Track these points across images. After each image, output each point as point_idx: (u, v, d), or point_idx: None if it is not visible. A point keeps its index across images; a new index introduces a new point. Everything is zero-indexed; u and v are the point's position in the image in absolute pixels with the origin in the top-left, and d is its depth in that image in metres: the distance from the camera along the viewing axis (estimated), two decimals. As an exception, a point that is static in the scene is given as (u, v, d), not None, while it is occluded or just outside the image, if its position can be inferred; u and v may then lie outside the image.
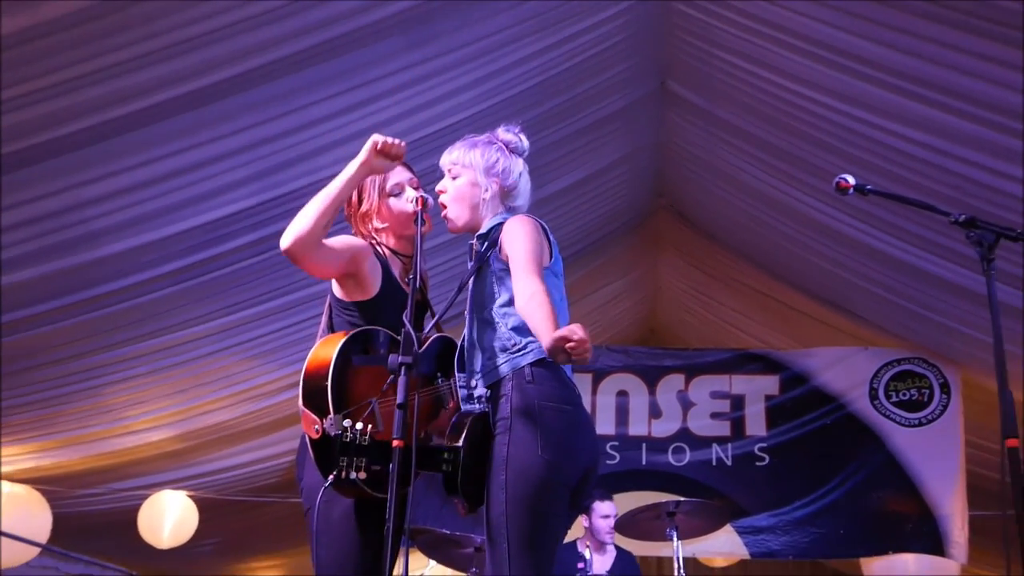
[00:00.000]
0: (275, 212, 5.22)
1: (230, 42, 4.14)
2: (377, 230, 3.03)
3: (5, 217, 4.41)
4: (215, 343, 6.21)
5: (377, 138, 2.84)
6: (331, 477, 2.60)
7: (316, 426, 2.64)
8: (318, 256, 2.82)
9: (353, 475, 2.58)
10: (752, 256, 7.71)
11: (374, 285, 2.92)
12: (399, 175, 3.05)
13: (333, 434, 2.59)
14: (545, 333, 2.44)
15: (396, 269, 3.02)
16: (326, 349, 2.75)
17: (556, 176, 6.33)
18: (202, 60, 4.16)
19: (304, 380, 2.74)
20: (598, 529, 5.82)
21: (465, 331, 2.85)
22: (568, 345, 2.37)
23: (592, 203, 7.29)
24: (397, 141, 2.86)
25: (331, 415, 2.62)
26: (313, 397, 2.69)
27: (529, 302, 2.56)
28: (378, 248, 3.01)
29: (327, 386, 2.66)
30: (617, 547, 6.02)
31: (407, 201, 2.98)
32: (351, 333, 2.80)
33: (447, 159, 2.96)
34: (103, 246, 4.92)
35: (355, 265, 2.89)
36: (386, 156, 2.85)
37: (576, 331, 2.36)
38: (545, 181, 5.98)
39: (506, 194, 2.91)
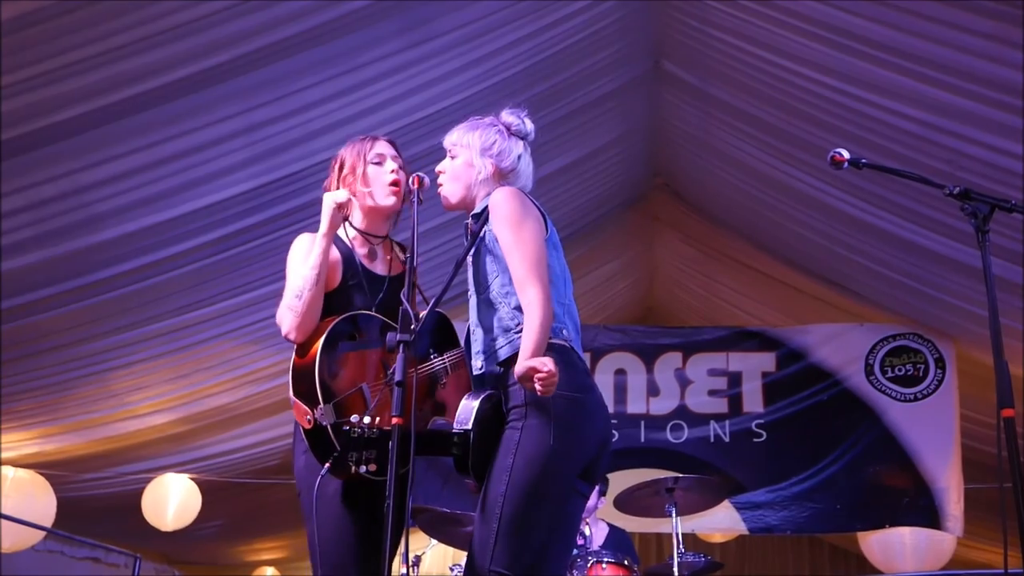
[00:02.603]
0: (273, 196, 5.25)
1: (225, 27, 4.16)
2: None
3: (5, 203, 4.44)
4: (216, 327, 6.25)
5: (331, 198, 2.86)
6: (327, 465, 2.62)
7: (308, 416, 2.66)
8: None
9: (364, 468, 2.60)
10: (748, 234, 7.74)
11: (333, 279, 2.91)
12: (383, 147, 3.04)
13: (325, 424, 2.61)
14: (523, 355, 2.54)
15: (361, 252, 3.00)
16: (312, 339, 2.75)
17: (552, 157, 6.34)
18: (198, 45, 4.18)
19: (293, 371, 2.75)
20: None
21: (470, 312, 2.87)
22: (537, 375, 2.49)
23: (588, 184, 7.31)
24: (344, 191, 2.91)
25: (321, 405, 2.64)
26: (302, 388, 2.70)
27: (527, 309, 2.62)
28: (339, 234, 2.97)
29: (314, 377, 2.67)
30: (610, 524, 6.07)
31: (386, 172, 2.97)
32: (336, 320, 2.79)
33: (448, 140, 2.98)
34: (103, 231, 4.94)
35: None
36: (342, 209, 2.88)
37: (547, 363, 2.48)
38: (540, 162, 5.95)
39: (502, 175, 2.91)
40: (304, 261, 2.86)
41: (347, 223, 2.99)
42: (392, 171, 2.97)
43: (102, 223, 4.90)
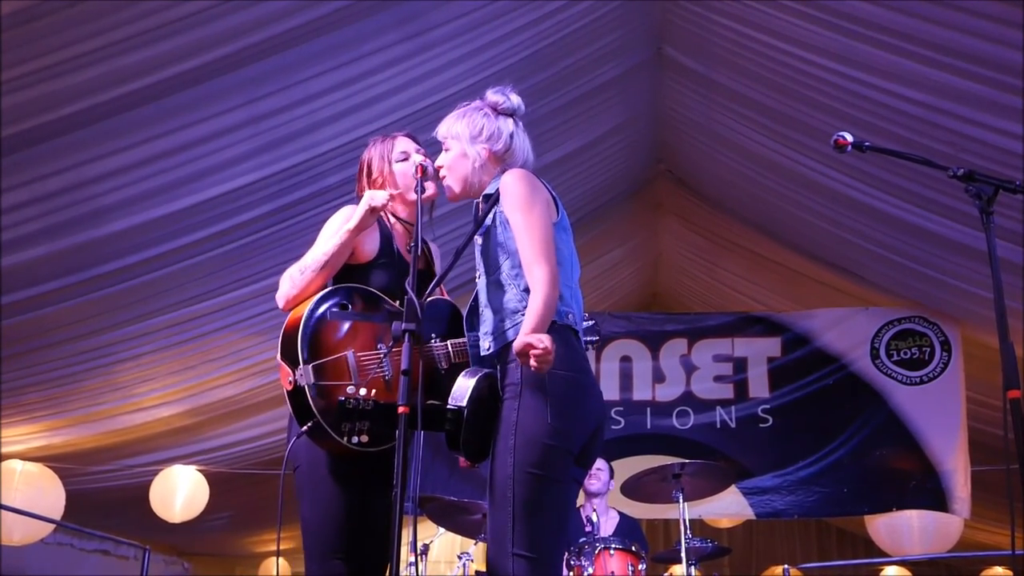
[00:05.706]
0: (278, 187, 5.25)
1: (228, 19, 4.16)
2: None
3: (11, 197, 4.45)
4: (222, 319, 6.26)
5: (368, 199, 2.90)
6: (305, 427, 2.70)
7: (290, 378, 2.72)
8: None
9: (356, 439, 2.68)
10: (752, 219, 7.73)
11: (369, 252, 2.98)
12: (405, 143, 3.10)
13: (303, 384, 2.68)
14: (524, 331, 2.54)
15: (400, 238, 3.07)
16: (304, 304, 2.83)
17: (555, 145, 6.34)
18: (201, 38, 4.18)
19: (282, 334, 2.83)
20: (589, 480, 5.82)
21: (477, 291, 2.88)
22: (533, 351, 2.49)
23: (591, 171, 7.30)
24: (385, 193, 2.94)
25: (301, 366, 2.69)
26: (287, 349, 2.77)
27: (534, 288, 2.62)
28: (384, 217, 3.06)
29: (297, 337, 2.73)
30: (620, 512, 6.08)
31: (411, 165, 3.01)
32: (328, 289, 2.87)
33: (439, 133, 2.99)
34: (108, 224, 4.95)
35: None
36: (376, 212, 2.92)
37: (543, 340, 2.49)
38: (543, 150, 5.99)
39: (499, 158, 2.91)
40: (329, 240, 2.93)
41: (388, 212, 3.07)
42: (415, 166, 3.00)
43: (108, 216, 4.91)
